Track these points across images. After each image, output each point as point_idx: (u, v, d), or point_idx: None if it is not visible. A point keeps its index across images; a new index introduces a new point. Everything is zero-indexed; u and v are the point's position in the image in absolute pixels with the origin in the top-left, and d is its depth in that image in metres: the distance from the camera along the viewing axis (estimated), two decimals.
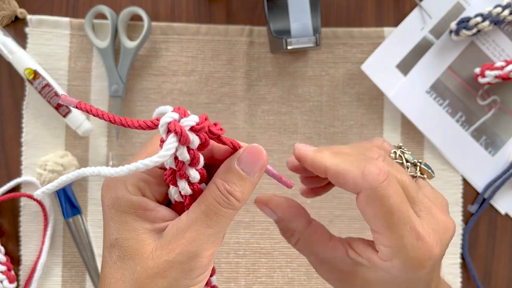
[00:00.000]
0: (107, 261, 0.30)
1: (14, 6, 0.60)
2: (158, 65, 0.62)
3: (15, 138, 0.61)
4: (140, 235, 0.29)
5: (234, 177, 0.30)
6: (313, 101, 0.62)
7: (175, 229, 0.30)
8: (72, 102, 0.28)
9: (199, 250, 0.29)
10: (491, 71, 0.59)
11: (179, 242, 0.29)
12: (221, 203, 0.30)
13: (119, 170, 0.28)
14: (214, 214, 0.29)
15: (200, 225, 0.29)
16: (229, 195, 0.30)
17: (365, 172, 0.31)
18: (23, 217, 0.61)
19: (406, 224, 0.31)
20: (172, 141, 0.28)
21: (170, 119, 0.28)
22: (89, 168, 0.29)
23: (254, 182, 0.31)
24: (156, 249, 0.29)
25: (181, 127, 0.28)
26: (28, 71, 0.59)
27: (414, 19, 0.62)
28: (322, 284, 0.62)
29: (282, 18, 0.57)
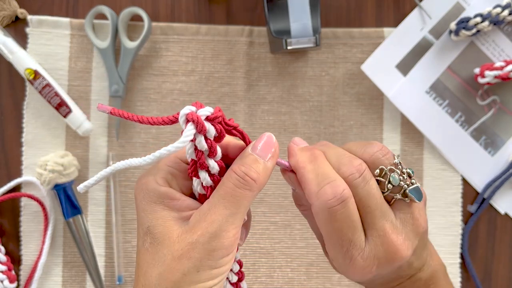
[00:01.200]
0: (140, 249, 0.33)
1: (14, 6, 0.61)
2: (158, 65, 0.62)
3: (16, 138, 0.61)
4: (167, 222, 0.32)
5: (249, 160, 0.33)
6: (313, 101, 0.62)
7: (198, 215, 0.32)
8: (107, 109, 0.32)
9: (219, 230, 0.31)
10: (491, 71, 0.59)
11: (201, 225, 0.31)
12: (237, 184, 0.32)
13: (147, 158, 0.31)
14: (230, 196, 0.32)
15: (218, 208, 0.32)
16: (245, 175, 0.32)
17: (321, 192, 0.33)
18: (24, 217, 0.61)
19: (344, 246, 0.34)
20: (190, 128, 0.31)
21: (188, 111, 0.32)
22: (121, 162, 0.32)
23: (268, 166, 0.34)
24: (182, 234, 0.32)
25: (197, 116, 0.31)
26: (28, 71, 0.59)
27: (414, 19, 0.62)
28: (322, 284, 0.62)
29: (282, 18, 0.57)
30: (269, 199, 0.62)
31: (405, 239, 0.34)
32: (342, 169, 0.34)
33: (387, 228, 0.34)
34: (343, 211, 0.33)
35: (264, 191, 0.61)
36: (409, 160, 0.63)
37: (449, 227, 0.63)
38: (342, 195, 0.33)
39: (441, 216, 0.63)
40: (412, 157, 0.63)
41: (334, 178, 0.34)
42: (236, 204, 0.32)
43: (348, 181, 0.34)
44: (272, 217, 0.62)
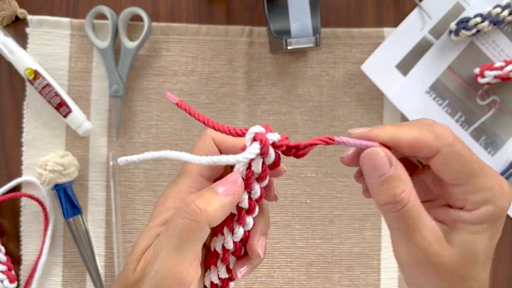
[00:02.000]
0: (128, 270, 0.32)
1: (14, 6, 0.61)
2: (158, 65, 0.62)
3: (16, 138, 0.61)
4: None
5: (204, 191, 0.31)
6: (313, 101, 0.62)
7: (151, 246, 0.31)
8: (173, 99, 0.33)
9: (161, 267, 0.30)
10: (491, 71, 0.60)
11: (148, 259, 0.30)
12: (182, 215, 0.30)
13: (202, 159, 0.31)
14: (173, 228, 0.30)
15: (164, 241, 0.30)
16: (191, 202, 0.30)
17: (437, 133, 0.32)
18: (24, 217, 0.61)
19: (484, 171, 0.32)
20: (256, 147, 0.31)
21: (258, 130, 0.32)
22: (174, 151, 0.32)
23: (221, 195, 0.31)
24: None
25: (266, 139, 0.32)
26: (28, 71, 0.59)
27: (414, 19, 0.62)
28: (322, 284, 0.62)
29: (282, 18, 0.57)
30: None
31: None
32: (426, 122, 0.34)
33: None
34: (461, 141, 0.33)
35: None
36: None
37: None
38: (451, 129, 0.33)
39: None
40: None
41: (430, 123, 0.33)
42: (179, 237, 0.30)
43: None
44: (272, 217, 0.62)
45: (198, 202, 0.30)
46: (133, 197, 0.61)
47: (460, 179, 0.32)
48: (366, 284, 0.62)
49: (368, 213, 0.62)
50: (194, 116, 0.33)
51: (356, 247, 0.62)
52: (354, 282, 0.62)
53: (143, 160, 0.33)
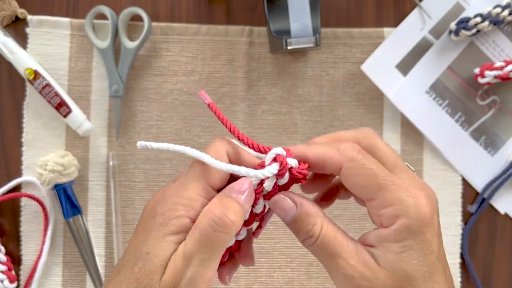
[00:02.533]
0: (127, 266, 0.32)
1: (14, 6, 0.61)
2: (158, 65, 0.62)
3: (16, 138, 0.61)
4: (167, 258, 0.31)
5: (227, 201, 0.32)
6: (313, 101, 0.62)
7: (175, 259, 0.31)
8: (206, 99, 0.34)
9: (194, 276, 0.30)
10: (491, 71, 0.60)
11: (178, 270, 0.30)
12: (214, 227, 0.31)
13: (222, 164, 0.32)
14: (207, 240, 0.31)
15: (194, 252, 0.31)
16: (224, 216, 0.31)
17: (340, 149, 0.33)
18: (24, 217, 0.61)
19: (393, 183, 0.32)
20: (275, 167, 0.33)
21: (280, 152, 0.33)
22: (195, 150, 0.33)
23: (245, 208, 0.33)
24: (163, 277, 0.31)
25: (286, 162, 0.33)
26: (28, 71, 0.59)
27: (414, 19, 0.62)
28: (322, 284, 0.62)
29: (282, 18, 0.57)
30: None
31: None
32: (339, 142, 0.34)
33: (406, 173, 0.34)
34: (369, 157, 0.33)
35: None
36: (409, 160, 0.63)
37: (449, 227, 0.63)
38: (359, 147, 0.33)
39: (441, 216, 0.62)
40: (412, 157, 0.63)
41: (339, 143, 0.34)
42: (212, 248, 0.31)
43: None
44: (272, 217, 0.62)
45: (230, 215, 0.31)
46: (133, 197, 0.61)
47: (368, 193, 0.33)
48: None
49: (368, 213, 0.62)
50: (222, 121, 0.34)
51: None
52: None
53: (162, 150, 0.33)
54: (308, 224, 0.33)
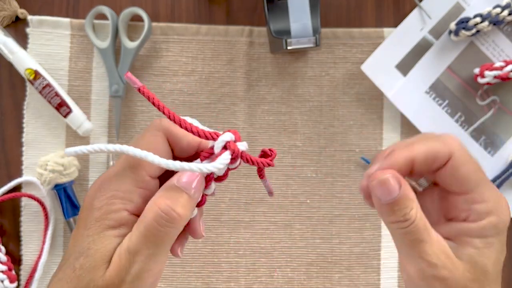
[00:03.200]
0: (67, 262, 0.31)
1: (14, 6, 0.61)
2: (159, 65, 0.62)
3: (16, 138, 0.61)
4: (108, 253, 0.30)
5: (174, 193, 0.30)
6: (313, 101, 0.63)
7: (119, 254, 0.30)
8: (135, 83, 0.30)
9: (141, 271, 0.30)
10: (491, 71, 0.60)
11: (123, 266, 0.30)
12: (160, 222, 0.30)
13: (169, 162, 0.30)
14: (152, 235, 0.30)
15: (140, 247, 0.30)
16: (171, 210, 0.30)
17: (446, 142, 0.33)
18: (24, 217, 0.61)
19: (489, 183, 0.33)
20: (227, 157, 0.31)
21: (229, 138, 0.32)
22: (133, 148, 0.30)
23: (194, 199, 0.31)
24: (108, 271, 0.30)
25: (238, 149, 0.32)
26: (28, 71, 0.59)
27: (414, 19, 0.62)
28: (322, 284, 0.62)
29: (282, 19, 0.57)
30: (269, 199, 0.62)
31: None
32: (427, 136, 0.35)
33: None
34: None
35: (264, 191, 0.62)
36: None
37: None
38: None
39: None
40: None
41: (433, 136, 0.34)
42: (158, 243, 0.30)
43: None
44: (272, 217, 0.62)
45: (177, 209, 0.30)
46: None
47: (468, 186, 0.33)
48: (366, 284, 0.62)
49: (368, 213, 0.62)
50: (158, 107, 0.31)
51: (356, 247, 0.62)
52: (354, 282, 0.62)
53: (93, 152, 0.31)
54: (406, 207, 0.32)
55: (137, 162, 0.31)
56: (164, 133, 0.33)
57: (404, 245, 0.33)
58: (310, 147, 0.62)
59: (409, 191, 0.32)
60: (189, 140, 0.33)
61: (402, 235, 0.32)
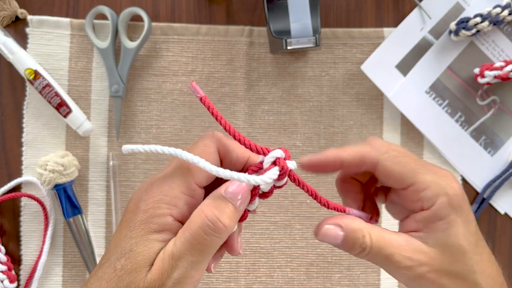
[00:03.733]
0: (108, 262, 0.31)
1: (14, 6, 0.61)
2: (159, 65, 0.62)
3: (16, 138, 0.61)
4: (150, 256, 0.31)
5: (221, 203, 0.31)
6: (313, 101, 0.63)
7: (162, 258, 0.31)
8: (198, 92, 0.32)
9: (183, 277, 0.30)
10: (491, 71, 0.60)
11: (165, 270, 0.30)
12: (207, 231, 0.30)
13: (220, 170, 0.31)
14: (198, 243, 0.30)
15: (184, 254, 0.30)
16: (217, 221, 0.30)
17: (373, 145, 0.35)
18: (24, 217, 0.61)
19: (425, 167, 0.34)
20: (275, 172, 0.32)
21: (279, 155, 0.33)
22: (187, 153, 0.31)
23: (239, 211, 0.32)
24: (149, 274, 0.30)
25: (287, 167, 0.33)
26: (28, 71, 0.59)
27: (414, 19, 0.62)
28: (322, 284, 0.62)
29: (282, 19, 0.57)
30: (269, 199, 0.62)
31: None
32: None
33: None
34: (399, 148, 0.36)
35: None
36: None
37: None
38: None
39: None
40: None
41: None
42: (202, 251, 0.30)
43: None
44: (272, 217, 0.62)
45: (223, 219, 0.31)
46: None
47: (405, 180, 0.34)
48: (366, 284, 0.62)
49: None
50: (216, 118, 0.32)
51: None
52: (354, 282, 0.62)
53: (149, 152, 0.32)
54: (358, 239, 0.34)
55: (187, 169, 0.32)
56: (216, 144, 0.34)
57: (380, 265, 0.34)
58: (310, 147, 0.62)
59: (351, 223, 0.34)
60: (239, 153, 0.34)
61: (372, 259, 0.34)
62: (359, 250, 0.34)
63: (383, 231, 0.34)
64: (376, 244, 0.33)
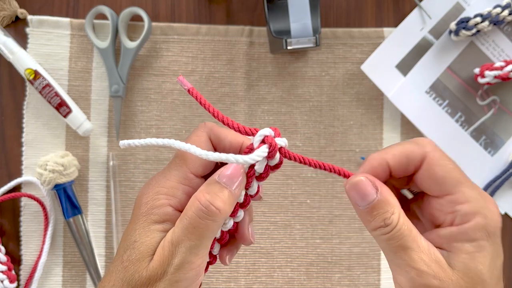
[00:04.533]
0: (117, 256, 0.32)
1: (14, 6, 0.61)
2: (158, 65, 0.62)
3: (16, 138, 0.61)
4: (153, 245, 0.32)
5: (215, 188, 0.32)
6: (313, 101, 0.63)
7: (162, 246, 0.32)
8: (185, 84, 0.33)
9: (182, 262, 0.31)
10: (491, 71, 0.60)
11: (166, 257, 0.31)
12: (200, 215, 0.31)
13: (210, 154, 0.31)
14: (193, 228, 0.31)
15: (182, 239, 0.31)
16: (210, 204, 0.31)
17: (419, 143, 0.33)
18: (24, 217, 0.61)
19: (471, 183, 0.32)
20: (264, 150, 0.32)
21: (268, 133, 0.33)
22: (179, 142, 0.32)
23: (234, 195, 0.32)
24: (151, 262, 0.31)
25: (276, 144, 0.32)
26: (28, 71, 0.59)
27: (414, 19, 0.62)
28: (322, 284, 0.62)
29: (282, 19, 0.57)
30: (269, 199, 0.62)
31: None
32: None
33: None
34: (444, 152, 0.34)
35: (264, 191, 0.62)
36: None
37: None
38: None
39: None
40: None
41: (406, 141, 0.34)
42: (199, 235, 0.31)
43: None
44: (272, 217, 0.62)
45: (216, 203, 0.31)
46: (133, 197, 0.61)
47: (447, 187, 0.32)
48: (366, 284, 0.62)
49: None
50: (204, 106, 0.33)
51: (356, 247, 0.62)
52: (354, 282, 0.62)
53: (145, 146, 0.33)
54: (386, 212, 0.31)
55: (182, 159, 0.33)
56: (208, 133, 0.34)
57: (391, 253, 0.31)
58: (310, 147, 0.62)
59: (388, 194, 0.31)
60: (231, 140, 0.34)
61: (387, 242, 0.31)
62: (380, 225, 0.31)
63: (412, 225, 0.31)
64: (400, 228, 0.31)
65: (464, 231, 0.31)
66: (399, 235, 0.31)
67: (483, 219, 0.30)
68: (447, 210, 0.32)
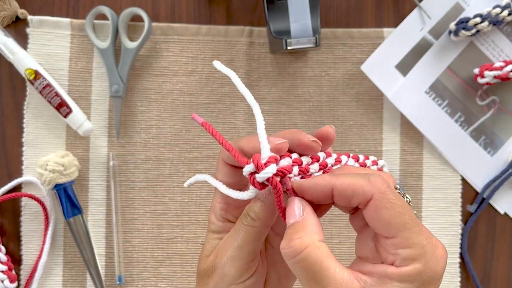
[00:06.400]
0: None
1: (15, 6, 0.61)
2: (159, 65, 0.62)
3: (16, 138, 0.61)
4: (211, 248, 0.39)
5: (252, 202, 0.36)
6: (313, 101, 0.63)
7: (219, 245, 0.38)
8: (199, 120, 0.36)
9: (226, 259, 0.36)
10: (490, 71, 0.60)
11: (217, 251, 0.37)
12: (241, 218, 0.36)
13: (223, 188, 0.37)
14: (234, 229, 0.36)
15: (228, 238, 0.36)
16: (249, 211, 0.35)
17: (371, 180, 0.31)
18: (24, 217, 0.61)
19: (418, 225, 0.31)
20: (253, 190, 0.35)
21: (251, 169, 0.34)
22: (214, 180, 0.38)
23: (266, 202, 0.35)
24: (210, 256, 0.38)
25: (257, 181, 0.33)
26: (29, 72, 0.59)
27: (414, 19, 0.62)
28: None
29: (282, 19, 0.57)
30: None
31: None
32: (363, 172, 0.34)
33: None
34: (396, 193, 0.31)
35: None
36: (408, 160, 0.63)
37: (449, 227, 0.63)
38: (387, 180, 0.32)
39: (441, 216, 0.63)
40: (411, 157, 0.63)
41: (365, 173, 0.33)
42: (239, 236, 0.35)
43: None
44: None
45: (250, 213, 0.35)
46: (133, 197, 0.62)
47: (391, 229, 0.31)
48: None
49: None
50: (218, 141, 0.35)
51: None
52: None
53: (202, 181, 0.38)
54: (295, 235, 0.31)
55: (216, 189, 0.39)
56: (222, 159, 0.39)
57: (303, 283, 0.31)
58: None
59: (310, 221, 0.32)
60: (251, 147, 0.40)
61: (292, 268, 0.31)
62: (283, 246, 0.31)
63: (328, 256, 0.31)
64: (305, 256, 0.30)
65: (400, 273, 0.30)
66: (306, 264, 0.30)
67: (421, 267, 0.30)
68: (390, 251, 0.31)
